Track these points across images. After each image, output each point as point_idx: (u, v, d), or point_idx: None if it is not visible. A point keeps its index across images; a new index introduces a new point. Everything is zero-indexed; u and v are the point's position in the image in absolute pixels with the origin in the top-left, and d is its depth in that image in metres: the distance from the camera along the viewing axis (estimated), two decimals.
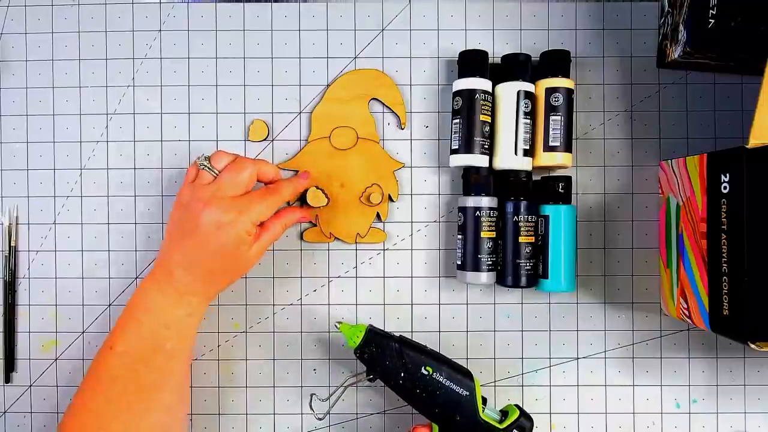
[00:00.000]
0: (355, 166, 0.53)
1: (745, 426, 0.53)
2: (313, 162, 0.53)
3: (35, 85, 0.54)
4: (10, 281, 0.54)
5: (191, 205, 0.45)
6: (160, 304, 0.46)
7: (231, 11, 0.54)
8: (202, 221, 0.45)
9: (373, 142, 0.53)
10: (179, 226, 0.46)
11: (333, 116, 0.53)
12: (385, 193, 0.53)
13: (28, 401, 0.54)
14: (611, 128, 0.54)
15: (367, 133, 0.53)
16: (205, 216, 0.45)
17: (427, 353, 0.48)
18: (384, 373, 0.47)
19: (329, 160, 0.53)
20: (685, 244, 0.47)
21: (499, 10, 0.54)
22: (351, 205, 0.53)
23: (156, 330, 0.45)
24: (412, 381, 0.46)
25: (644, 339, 0.53)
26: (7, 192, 0.54)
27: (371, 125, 0.53)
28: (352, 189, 0.53)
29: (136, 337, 0.45)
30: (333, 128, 0.53)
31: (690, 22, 0.47)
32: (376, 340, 0.47)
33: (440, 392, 0.46)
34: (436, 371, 0.46)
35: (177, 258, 0.46)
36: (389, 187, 0.53)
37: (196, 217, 0.45)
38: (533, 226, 0.51)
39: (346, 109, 0.53)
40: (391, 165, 0.53)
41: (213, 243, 0.45)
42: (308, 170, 0.52)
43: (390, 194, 0.53)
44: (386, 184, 0.53)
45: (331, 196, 0.53)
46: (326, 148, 0.53)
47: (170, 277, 0.46)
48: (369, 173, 0.53)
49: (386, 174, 0.53)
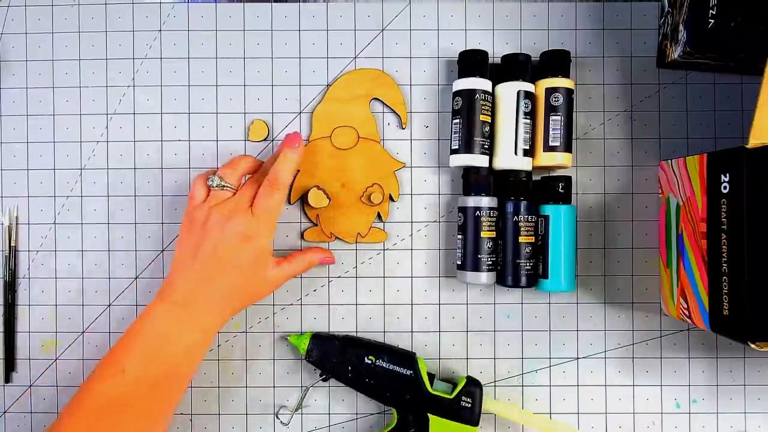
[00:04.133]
0: (356, 166, 0.53)
1: (745, 426, 0.53)
2: (314, 162, 0.53)
3: (35, 85, 0.54)
4: (10, 281, 0.54)
5: (210, 220, 0.46)
6: (176, 330, 0.45)
7: (231, 11, 0.54)
8: (225, 235, 0.45)
9: (374, 141, 0.53)
10: (195, 246, 0.46)
11: (334, 116, 0.53)
12: (386, 192, 0.53)
13: (28, 401, 0.54)
14: (611, 128, 0.54)
15: (368, 133, 0.53)
16: (229, 229, 0.45)
17: (368, 345, 0.51)
18: (333, 371, 0.50)
19: (330, 159, 0.53)
20: (685, 244, 0.47)
21: (499, 10, 0.54)
22: (352, 205, 0.53)
23: (173, 356, 0.45)
24: (359, 372, 0.50)
25: (644, 339, 0.53)
26: (7, 192, 0.54)
27: (372, 125, 0.53)
28: (353, 189, 0.53)
29: (152, 363, 0.44)
30: (334, 128, 0.53)
31: (690, 22, 0.47)
32: (321, 344, 0.51)
33: (386, 377, 0.50)
34: (379, 359, 0.50)
35: (193, 279, 0.46)
36: (390, 187, 0.53)
37: (219, 232, 0.45)
38: (533, 226, 0.51)
39: (347, 109, 0.53)
40: (391, 165, 0.53)
41: (236, 257, 0.46)
42: (308, 170, 0.52)
43: (391, 194, 0.53)
44: (387, 183, 0.53)
45: (332, 196, 0.53)
46: (327, 147, 0.53)
47: (186, 301, 0.45)
48: (370, 173, 0.53)
49: (387, 174, 0.53)
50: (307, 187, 0.53)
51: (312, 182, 0.53)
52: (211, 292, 0.46)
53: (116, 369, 0.43)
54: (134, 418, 0.43)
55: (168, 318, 0.45)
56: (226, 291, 0.46)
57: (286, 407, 0.53)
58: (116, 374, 0.43)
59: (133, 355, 0.44)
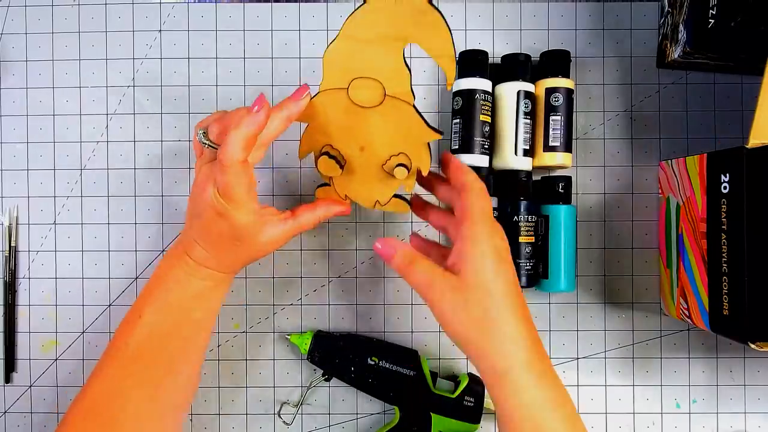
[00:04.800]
0: (378, 130, 0.42)
1: (745, 426, 0.53)
2: (325, 116, 0.43)
3: (35, 85, 0.54)
4: (10, 281, 0.54)
5: (197, 182, 0.43)
6: (183, 276, 0.43)
7: (231, 11, 0.54)
8: (202, 206, 0.41)
9: (406, 103, 0.41)
10: (193, 204, 0.43)
11: (352, 61, 0.40)
12: (414, 167, 0.43)
13: (28, 401, 0.54)
14: (611, 128, 0.54)
15: (398, 91, 0.41)
16: (203, 201, 0.41)
17: (371, 345, 0.51)
18: (336, 371, 0.50)
19: (346, 117, 0.42)
20: (685, 244, 0.47)
21: (499, 10, 0.54)
22: (371, 172, 0.44)
23: (184, 299, 0.43)
24: (362, 372, 0.49)
25: (644, 339, 0.53)
26: (7, 192, 0.54)
27: (405, 80, 0.40)
28: (374, 154, 0.43)
29: (165, 306, 0.43)
30: (352, 78, 0.41)
31: (690, 22, 0.47)
32: (323, 343, 0.51)
33: (389, 377, 0.49)
34: (382, 359, 0.49)
35: (194, 233, 0.43)
36: (420, 160, 0.43)
37: (199, 200, 0.42)
38: (533, 226, 0.51)
39: (372, 54, 0.40)
40: (425, 134, 0.42)
41: (216, 228, 0.41)
42: (319, 126, 0.43)
43: (420, 169, 0.43)
44: (416, 155, 0.43)
45: (348, 159, 0.44)
46: (342, 102, 0.42)
47: (190, 250, 0.43)
48: (396, 140, 0.42)
49: (418, 145, 0.42)
50: (318, 145, 0.44)
51: (324, 140, 0.43)
52: (208, 246, 0.43)
53: (135, 315, 0.43)
54: (149, 364, 0.42)
55: (178, 263, 0.43)
56: (221, 249, 0.43)
57: (288, 404, 0.53)
58: (135, 319, 0.43)
59: (148, 297, 0.43)
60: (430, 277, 0.39)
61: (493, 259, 0.38)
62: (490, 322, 0.36)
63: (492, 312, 0.36)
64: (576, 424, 0.36)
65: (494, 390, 0.37)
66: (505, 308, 0.37)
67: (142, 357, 0.42)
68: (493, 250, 0.38)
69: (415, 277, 0.39)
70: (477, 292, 0.37)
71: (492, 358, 0.36)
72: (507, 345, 0.36)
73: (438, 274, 0.38)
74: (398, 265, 0.41)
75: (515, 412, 0.35)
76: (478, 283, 0.37)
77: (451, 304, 0.37)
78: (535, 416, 0.35)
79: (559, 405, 0.36)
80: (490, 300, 0.37)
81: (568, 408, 0.36)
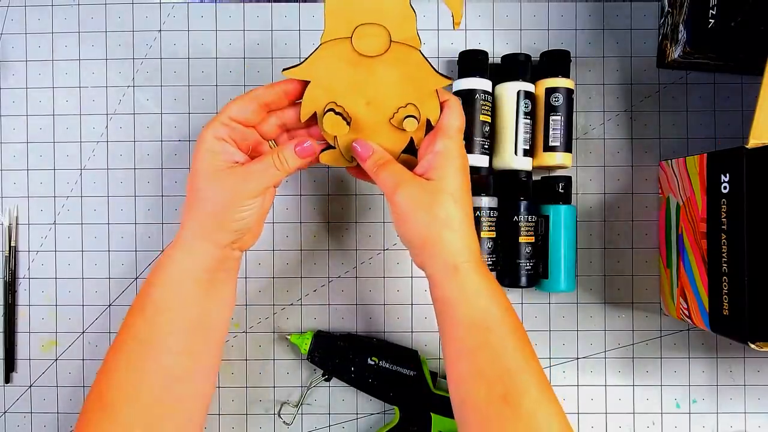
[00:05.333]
0: (385, 80, 0.41)
1: (745, 426, 0.53)
2: (328, 71, 0.41)
3: (35, 85, 0.54)
4: (10, 281, 0.54)
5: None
6: (178, 254, 0.42)
7: (231, 11, 0.54)
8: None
9: (412, 48, 0.40)
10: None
11: (356, 7, 0.39)
12: (424, 117, 0.42)
13: (28, 401, 0.54)
14: (611, 128, 0.54)
15: (404, 36, 0.40)
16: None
17: (371, 345, 0.51)
18: (336, 371, 0.50)
19: (350, 69, 0.41)
20: (685, 244, 0.47)
21: (499, 10, 0.54)
22: (378, 128, 0.42)
23: (180, 280, 0.42)
24: (362, 373, 0.49)
25: (644, 339, 0.53)
26: (7, 192, 0.54)
27: (411, 24, 0.40)
28: (381, 108, 0.42)
29: (165, 287, 0.42)
30: (356, 26, 0.40)
31: (690, 22, 0.47)
32: (323, 343, 0.51)
33: (389, 377, 0.49)
34: (382, 359, 0.49)
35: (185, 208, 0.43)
36: (429, 110, 0.42)
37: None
38: (533, 226, 0.51)
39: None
40: (433, 81, 0.41)
41: (192, 165, 0.41)
42: (322, 83, 0.42)
43: (429, 119, 0.42)
44: (425, 105, 0.41)
45: (354, 116, 0.42)
46: (346, 52, 0.40)
47: (182, 225, 0.42)
48: (404, 90, 0.41)
49: (426, 93, 0.41)
50: (321, 103, 0.42)
51: (326, 97, 0.42)
52: (185, 219, 0.42)
53: (141, 301, 0.42)
54: (159, 353, 0.41)
55: (175, 242, 0.42)
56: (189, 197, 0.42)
57: (288, 404, 0.53)
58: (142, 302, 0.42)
59: (153, 279, 0.42)
60: (399, 178, 0.41)
61: (462, 174, 0.42)
62: (450, 221, 0.40)
63: (453, 215, 0.40)
64: (509, 310, 0.41)
65: (443, 283, 0.41)
66: (465, 215, 0.41)
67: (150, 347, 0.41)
68: (461, 165, 0.42)
69: (386, 178, 0.42)
70: (442, 196, 0.40)
71: (446, 253, 0.40)
72: (461, 244, 0.40)
73: (408, 176, 0.41)
74: (372, 164, 0.43)
75: (460, 298, 0.40)
76: (447, 190, 0.40)
77: (417, 203, 0.40)
78: (479, 301, 0.40)
79: (498, 295, 0.41)
80: (454, 205, 0.40)
81: (505, 299, 0.41)
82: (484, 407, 0.38)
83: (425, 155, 0.42)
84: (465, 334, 0.40)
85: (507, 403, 0.38)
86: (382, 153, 0.43)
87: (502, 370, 0.39)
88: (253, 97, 0.42)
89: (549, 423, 0.38)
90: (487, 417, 0.38)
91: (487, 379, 0.39)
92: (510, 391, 0.38)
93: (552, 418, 0.38)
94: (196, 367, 0.43)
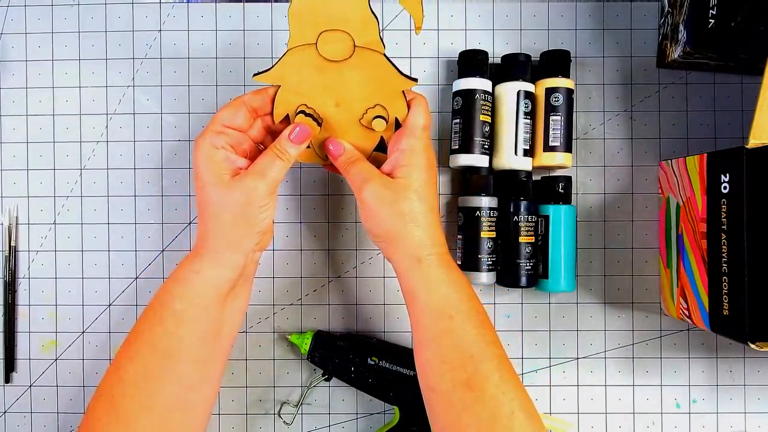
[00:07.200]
0: (353, 83, 0.42)
1: (745, 426, 0.53)
2: (297, 75, 0.42)
3: (35, 85, 0.54)
4: (10, 281, 0.54)
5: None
6: (197, 266, 0.42)
7: (231, 11, 0.54)
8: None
9: (376, 52, 0.41)
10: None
11: (317, 14, 0.40)
12: (392, 117, 0.43)
13: (28, 401, 0.54)
14: (611, 128, 0.54)
15: (367, 41, 0.41)
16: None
17: (371, 345, 0.51)
18: (336, 371, 0.50)
19: (318, 74, 0.42)
20: (685, 244, 0.47)
21: (499, 10, 0.54)
22: (349, 128, 0.44)
23: (201, 293, 0.42)
24: (362, 372, 0.50)
25: (644, 339, 0.53)
26: (7, 192, 0.54)
27: (373, 29, 0.40)
28: (350, 109, 0.43)
29: (184, 300, 0.42)
30: (320, 32, 0.41)
31: (690, 22, 0.47)
32: (324, 343, 0.51)
33: (389, 377, 0.49)
34: (382, 359, 0.50)
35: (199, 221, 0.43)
36: (397, 109, 0.43)
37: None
38: (533, 226, 0.51)
39: (336, 4, 0.40)
40: (399, 83, 0.42)
41: (196, 178, 0.42)
42: (292, 86, 0.43)
43: (397, 118, 0.44)
44: (393, 105, 0.43)
45: (324, 117, 0.44)
46: (313, 57, 0.41)
47: (198, 238, 0.43)
48: (371, 92, 0.43)
49: (393, 94, 0.43)
50: (293, 105, 0.43)
51: (297, 99, 0.43)
52: (205, 231, 0.42)
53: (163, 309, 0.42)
54: (176, 363, 0.41)
55: (200, 256, 0.42)
56: (199, 213, 0.43)
57: (288, 404, 0.53)
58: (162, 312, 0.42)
59: (175, 290, 0.42)
60: (367, 175, 0.43)
61: (427, 170, 0.43)
62: (414, 216, 0.42)
63: (417, 210, 0.42)
64: (473, 298, 0.43)
65: (408, 273, 0.42)
66: (429, 209, 0.43)
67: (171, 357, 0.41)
68: (427, 162, 0.43)
69: (355, 175, 0.43)
70: (406, 193, 0.42)
71: (409, 245, 0.42)
72: (424, 237, 0.42)
73: (374, 174, 0.43)
74: (343, 161, 0.45)
75: (423, 288, 0.42)
76: (411, 186, 0.42)
77: (382, 199, 0.42)
78: (440, 290, 0.42)
79: (461, 283, 0.42)
80: (417, 201, 0.42)
81: (468, 288, 0.43)
82: (449, 393, 0.39)
83: (392, 153, 0.44)
84: (429, 322, 0.41)
85: (471, 389, 0.39)
86: (353, 152, 0.45)
87: (464, 357, 0.40)
88: (241, 102, 0.43)
89: (511, 407, 0.39)
90: (451, 403, 0.39)
91: (450, 366, 0.40)
92: (473, 377, 0.39)
93: (514, 402, 0.39)
94: (208, 375, 0.43)
